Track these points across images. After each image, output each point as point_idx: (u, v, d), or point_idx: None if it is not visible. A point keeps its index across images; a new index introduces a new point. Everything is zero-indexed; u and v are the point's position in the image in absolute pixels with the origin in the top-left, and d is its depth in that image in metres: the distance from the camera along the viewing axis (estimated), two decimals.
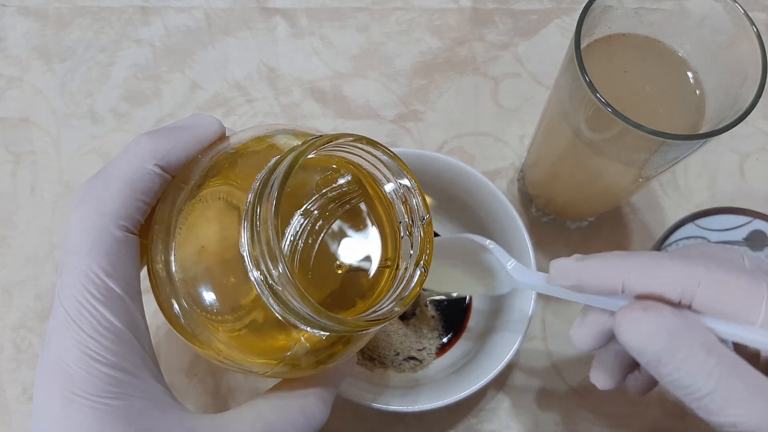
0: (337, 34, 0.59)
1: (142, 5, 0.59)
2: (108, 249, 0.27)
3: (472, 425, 0.48)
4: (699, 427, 0.48)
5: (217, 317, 0.28)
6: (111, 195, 0.28)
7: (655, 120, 0.35)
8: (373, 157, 0.29)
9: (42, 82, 0.56)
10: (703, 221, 0.51)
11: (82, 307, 0.27)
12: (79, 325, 0.27)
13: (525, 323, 0.42)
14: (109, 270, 0.27)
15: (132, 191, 0.28)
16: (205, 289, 0.28)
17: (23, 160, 0.54)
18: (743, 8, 0.35)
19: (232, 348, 0.29)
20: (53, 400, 0.26)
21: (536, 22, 0.60)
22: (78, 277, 0.27)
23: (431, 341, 0.48)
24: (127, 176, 0.28)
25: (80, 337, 0.27)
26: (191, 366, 0.49)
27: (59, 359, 0.27)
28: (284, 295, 0.25)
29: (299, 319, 0.26)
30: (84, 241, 0.27)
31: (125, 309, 0.28)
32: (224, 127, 0.32)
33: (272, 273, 0.24)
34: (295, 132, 0.31)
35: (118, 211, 0.28)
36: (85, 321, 0.27)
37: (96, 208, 0.28)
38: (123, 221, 0.28)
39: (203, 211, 0.29)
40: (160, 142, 0.29)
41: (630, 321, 0.30)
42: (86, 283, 0.27)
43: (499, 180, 0.55)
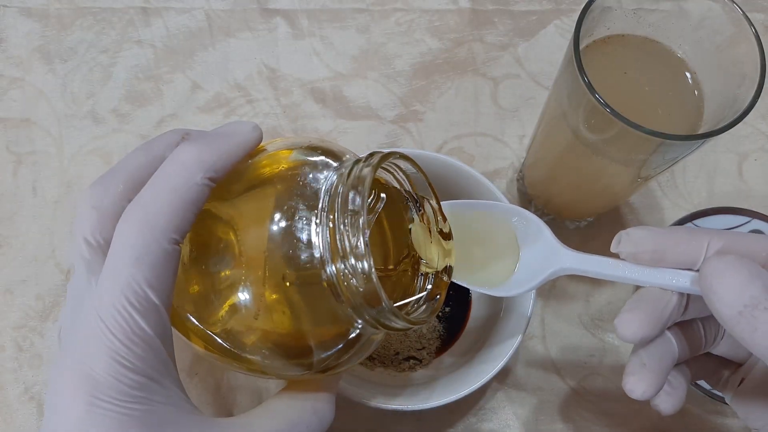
0: (337, 34, 0.59)
1: (143, 6, 0.59)
2: (155, 261, 0.27)
3: (471, 424, 0.48)
4: (698, 426, 0.49)
5: (255, 326, 0.29)
6: (160, 207, 0.28)
7: (654, 120, 0.35)
8: (402, 173, 0.34)
9: (43, 83, 0.57)
10: (702, 221, 0.51)
11: (119, 315, 0.27)
12: (113, 332, 0.27)
13: (524, 322, 0.42)
14: (153, 281, 0.27)
15: (182, 203, 0.28)
16: (243, 299, 0.29)
17: (25, 161, 0.54)
18: (742, 9, 0.35)
19: (252, 353, 0.31)
20: (76, 402, 0.26)
21: (535, 23, 0.60)
22: (119, 286, 0.27)
23: (431, 341, 0.48)
24: (176, 188, 0.28)
25: (112, 344, 0.27)
26: (191, 366, 0.49)
27: (84, 363, 0.27)
28: (352, 287, 0.28)
29: (362, 311, 0.29)
30: (130, 251, 0.27)
31: (159, 318, 0.28)
32: (262, 133, 0.32)
33: (355, 266, 0.28)
34: (322, 148, 0.33)
35: (169, 224, 0.28)
36: (119, 329, 0.27)
37: (145, 219, 0.28)
38: (173, 234, 0.28)
39: (249, 215, 0.30)
40: (205, 151, 0.29)
41: (725, 265, 0.28)
42: (127, 293, 0.27)
43: (498, 180, 0.55)
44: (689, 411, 0.49)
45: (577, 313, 0.51)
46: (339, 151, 0.33)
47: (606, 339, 0.51)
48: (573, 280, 0.52)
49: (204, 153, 0.29)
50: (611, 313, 0.51)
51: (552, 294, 0.52)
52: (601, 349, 0.50)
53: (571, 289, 0.52)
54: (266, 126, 0.56)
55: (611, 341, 0.50)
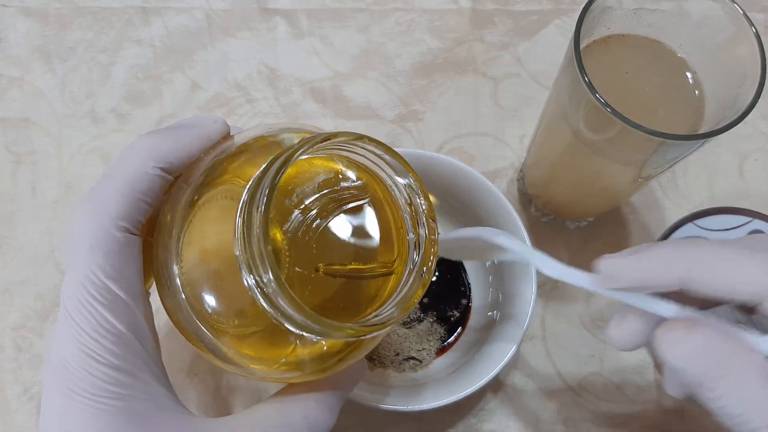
0: (337, 34, 0.59)
1: (143, 6, 0.59)
2: (107, 249, 0.27)
3: (471, 425, 0.48)
4: (698, 426, 0.48)
5: (220, 320, 0.28)
6: (110, 195, 0.28)
7: (655, 120, 0.35)
8: (375, 157, 0.28)
9: (42, 83, 0.56)
10: (703, 221, 0.51)
11: (83, 307, 0.27)
12: (80, 325, 0.27)
13: (524, 323, 0.42)
14: (109, 271, 0.27)
15: (131, 191, 0.28)
16: (208, 292, 0.28)
17: (24, 161, 0.54)
18: (742, 9, 0.35)
19: (233, 351, 0.29)
20: (55, 396, 0.27)
21: (536, 22, 0.60)
22: (78, 277, 0.27)
23: (431, 341, 0.48)
24: (127, 176, 0.28)
25: (81, 337, 0.27)
26: (191, 366, 0.49)
27: (61, 357, 0.27)
28: (276, 300, 0.25)
29: (293, 323, 0.25)
30: (84, 240, 0.27)
31: (127, 310, 0.28)
32: (228, 126, 0.32)
33: (262, 277, 0.24)
34: (300, 131, 0.31)
35: (117, 211, 0.28)
36: (85, 321, 0.27)
37: (96, 207, 0.28)
38: (122, 221, 0.28)
39: (205, 212, 0.28)
40: (161, 142, 0.29)
41: (672, 340, 0.28)
42: (86, 284, 0.27)
43: (498, 180, 0.55)
44: (689, 411, 0.49)
45: (578, 314, 0.51)
46: (308, 132, 0.30)
47: (607, 340, 0.50)
48: None
49: (159, 143, 0.29)
50: (612, 313, 0.51)
51: (552, 294, 0.51)
52: (601, 350, 0.50)
53: (571, 290, 0.52)
54: None
55: None
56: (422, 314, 0.49)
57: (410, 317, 0.48)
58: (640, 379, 0.49)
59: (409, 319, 0.48)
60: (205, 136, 0.31)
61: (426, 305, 0.49)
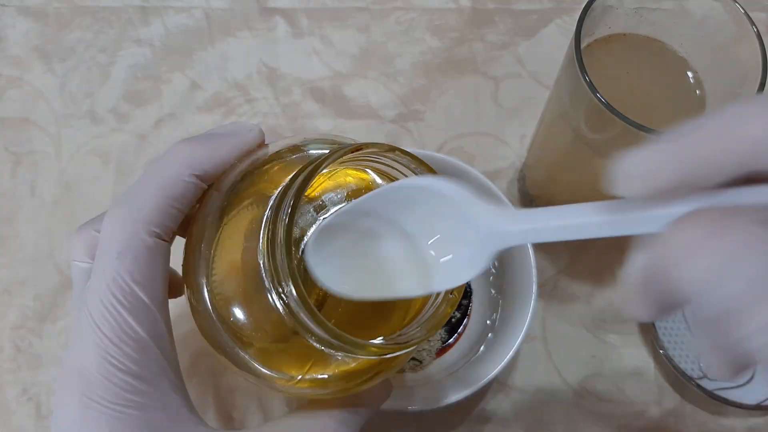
0: (337, 34, 0.59)
1: (142, 5, 0.59)
2: (137, 255, 0.27)
3: (472, 425, 0.48)
4: (698, 426, 0.48)
5: (245, 331, 0.28)
6: (143, 201, 0.28)
7: (656, 120, 0.35)
8: (407, 169, 0.28)
9: (42, 82, 0.56)
10: None
11: (107, 312, 0.27)
12: (102, 330, 0.27)
13: (525, 324, 0.42)
14: (137, 276, 0.27)
15: (164, 198, 0.28)
16: (234, 302, 0.28)
17: (23, 161, 0.54)
18: (743, 8, 0.35)
19: (258, 363, 0.29)
20: (72, 402, 0.27)
21: (536, 21, 0.60)
22: (105, 281, 0.27)
23: (431, 342, 0.48)
24: (161, 183, 0.28)
25: (102, 342, 0.26)
26: (191, 366, 0.49)
27: (80, 362, 0.27)
28: (297, 313, 0.25)
29: (315, 338, 0.25)
30: (114, 245, 0.27)
31: (150, 317, 0.28)
32: (263, 134, 0.32)
33: (284, 289, 0.24)
34: (334, 141, 0.31)
35: (149, 217, 0.28)
36: (107, 326, 0.27)
37: (128, 213, 0.28)
38: (154, 227, 0.28)
39: (236, 221, 0.28)
40: (197, 149, 0.29)
41: (681, 249, 0.19)
42: (113, 288, 0.27)
43: (499, 180, 0.55)
44: (690, 411, 0.49)
45: (579, 314, 0.51)
46: (340, 143, 0.30)
47: (607, 340, 0.50)
48: (574, 281, 0.52)
49: (195, 151, 0.29)
50: (613, 314, 0.51)
51: (553, 295, 0.51)
52: (602, 351, 0.50)
53: (572, 290, 0.52)
54: (265, 125, 0.55)
55: (613, 342, 0.50)
56: None
57: None
58: (641, 380, 0.49)
59: None
60: (240, 145, 0.31)
61: None
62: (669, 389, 0.49)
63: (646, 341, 0.50)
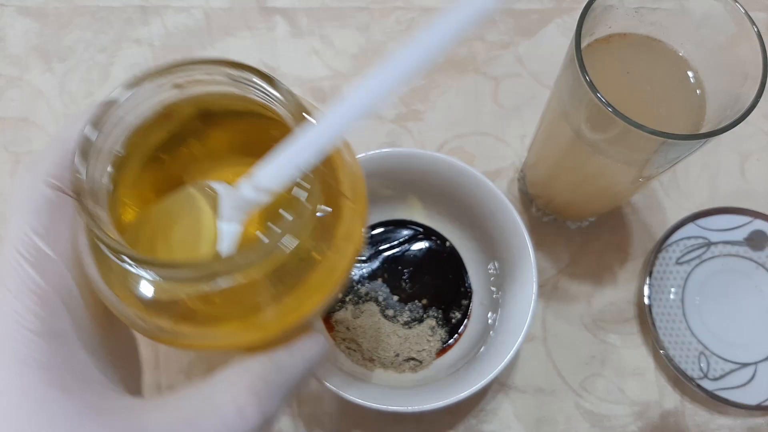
0: (337, 33, 0.59)
1: (142, 5, 0.59)
2: (37, 207, 0.27)
3: (472, 426, 0.48)
4: (699, 427, 0.48)
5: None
6: (43, 156, 0.27)
7: (656, 120, 0.35)
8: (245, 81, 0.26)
9: (41, 82, 0.56)
10: (704, 221, 0.51)
11: (11, 267, 0.26)
12: (7, 286, 0.26)
13: (525, 324, 0.42)
14: (39, 228, 0.26)
15: (63, 151, 0.27)
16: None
17: (22, 160, 0.54)
18: (744, 8, 0.35)
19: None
20: None
21: (537, 21, 0.60)
22: (9, 237, 0.26)
23: (431, 342, 0.48)
24: (62, 138, 0.28)
25: (6, 298, 0.26)
26: (191, 366, 0.49)
27: None
28: (102, 240, 0.24)
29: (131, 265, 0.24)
30: (15, 200, 0.27)
31: (55, 270, 0.27)
32: None
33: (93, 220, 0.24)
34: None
35: (47, 169, 0.27)
36: (11, 281, 0.26)
37: (29, 167, 0.27)
38: (53, 179, 0.27)
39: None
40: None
41: None
42: (15, 242, 0.26)
43: (499, 180, 0.55)
44: (690, 411, 0.49)
45: (579, 314, 0.51)
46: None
47: (607, 340, 0.50)
48: (575, 282, 0.52)
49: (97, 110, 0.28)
50: (613, 314, 0.51)
51: (553, 295, 0.51)
52: (602, 351, 0.50)
53: (572, 290, 0.52)
54: None
55: (613, 342, 0.50)
56: (423, 315, 0.49)
57: (411, 318, 0.48)
58: (641, 380, 0.49)
59: (409, 320, 0.48)
60: None
61: (427, 306, 0.49)
62: (669, 389, 0.49)
63: (646, 341, 0.50)
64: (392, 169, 0.47)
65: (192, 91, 0.27)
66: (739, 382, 0.48)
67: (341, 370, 0.44)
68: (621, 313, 0.51)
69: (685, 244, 0.51)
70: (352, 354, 0.47)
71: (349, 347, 0.47)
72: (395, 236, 0.51)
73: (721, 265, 0.51)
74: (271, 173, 0.25)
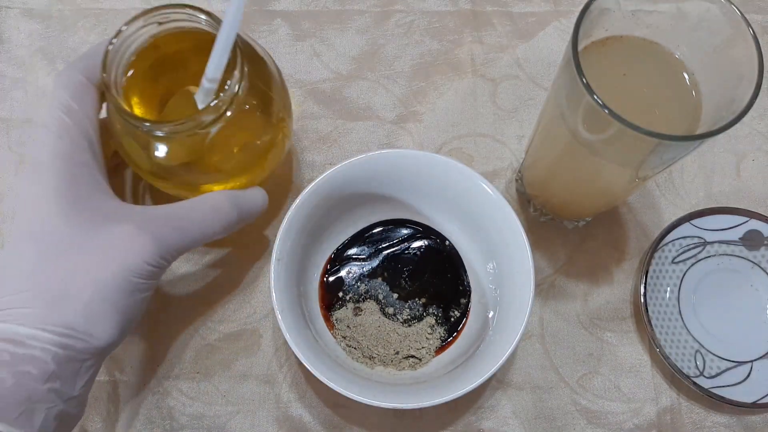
0: (337, 36, 0.59)
1: (145, 7, 0.59)
2: (72, 83, 0.41)
3: (470, 422, 0.49)
4: (694, 425, 0.49)
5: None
6: (79, 60, 0.43)
7: (652, 121, 0.35)
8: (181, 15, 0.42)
9: (45, 84, 0.57)
10: (700, 221, 0.52)
11: (50, 116, 0.40)
12: (47, 126, 0.40)
13: (523, 322, 0.43)
14: (73, 94, 0.41)
15: (93, 59, 0.42)
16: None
17: (27, 161, 0.54)
18: (740, 10, 0.36)
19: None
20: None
21: (534, 24, 0.60)
22: (52, 100, 0.41)
23: (431, 340, 0.48)
24: (89, 53, 0.43)
25: (47, 135, 0.40)
26: (192, 366, 0.49)
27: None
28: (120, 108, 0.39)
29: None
30: (58, 79, 0.42)
31: (80, 95, 0.42)
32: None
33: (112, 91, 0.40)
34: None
35: (81, 66, 0.42)
36: (50, 121, 0.40)
37: (70, 64, 0.43)
38: (83, 74, 0.42)
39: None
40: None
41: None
42: (54, 102, 0.41)
43: (497, 180, 0.55)
44: (686, 409, 0.49)
45: (576, 313, 0.51)
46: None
47: (604, 338, 0.51)
48: (572, 280, 0.52)
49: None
50: (609, 312, 0.51)
51: (550, 294, 0.52)
52: (599, 348, 0.51)
53: (569, 289, 0.52)
54: None
55: (609, 340, 0.51)
56: (423, 313, 0.49)
57: (410, 316, 0.49)
58: (637, 377, 0.50)
59: (409, 318, 0.49)
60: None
61: (426, 304, 0.49)
62: (665, 387, 0.50)
63: (642, 339, 0.51)
64: (392, 169, 0.48)
65: (168, 26, 0.42)
66: (735, 380, 0.48)
67: (341, 368, 0.44)
68: (617, 311, 0.52)
69: (681, 243, 0.51)
70: (352, 351, 0.48)
71: (350, 345, 0.48)
72: (395, 235, 0.51)
73: (717, 265, 0.51)
74: (211, 66, 0.39)
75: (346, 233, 0.51)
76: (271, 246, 0.44)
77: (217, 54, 0.39)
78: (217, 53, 0.39)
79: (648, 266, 0.50)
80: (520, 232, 0.45)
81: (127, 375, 0.49)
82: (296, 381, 0.49)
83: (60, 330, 0.37)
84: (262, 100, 0.44)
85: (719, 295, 0.51)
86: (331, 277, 0.50)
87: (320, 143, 0.56)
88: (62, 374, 0.37)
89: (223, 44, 0.39)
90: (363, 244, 0.51)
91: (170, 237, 0.41)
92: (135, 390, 0.49)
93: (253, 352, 0.50)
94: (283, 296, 0.44)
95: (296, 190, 0.54)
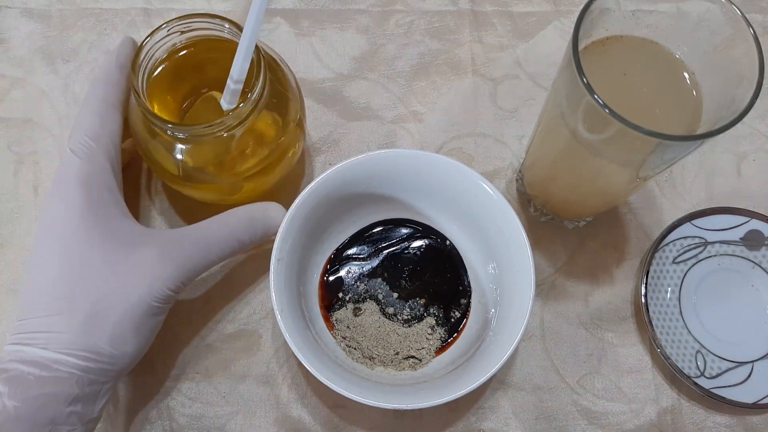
0: (337, 35, 0.59)
1: (145, 7, 0.59)
2: (108, 77, 0.45)
3: (471, 423, 0.49)
4: (695, 425, 0.49)
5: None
6: (113, 53, 0.47)
7: (653, 121, 0.35)
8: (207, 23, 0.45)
9: (45, 83, 0.57)
10: (700, 221, 0.52)
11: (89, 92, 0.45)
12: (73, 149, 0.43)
13: (523, 322, 0.43)
14: (104, 95, 0.45)
15: (124, 58, 0.47)
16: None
17: (26, 161, 0.54)
18: (740, 10, 0.36)
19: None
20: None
21: (535, 24, 0.60)
22: (87, 102, 0.45)
23: (431, 341, 0.48)
24: (120, 52, 0.47)
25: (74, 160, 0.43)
26: (190, 368, 0.49)
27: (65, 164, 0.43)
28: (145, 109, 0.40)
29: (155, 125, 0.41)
30: (98, 70, 0.46)
31: (113, 89, 0.45)
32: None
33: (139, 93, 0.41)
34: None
35: (115, 60, 0.46)
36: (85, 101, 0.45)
37: (109, 54, 0.47)
38: (118, 68, 0.46)
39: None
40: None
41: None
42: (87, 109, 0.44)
43: (497, 180, 0.55)
44: (687, 409, 0.49)
45: (577, 313, 0.51)
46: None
47: (605, 338, 0.51)
48: (572, 280, 0.52)
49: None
50: (610, 312, 0.51)
51: (551, 294, 0.52)
52: (600, 349, 0.51)
53: (570, 289, 0.52)
54: None
55: (610, 341, 0.51)
56: (423, 313, 0.49)
57: (411, 316, 0.49)
58: (638, 377, 0.50)
59: (409, 318, 0.49)
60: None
61: (426, 304, 0.49)
62: (666, 387, 0.50)
63: (643, 339, 0.51)
64: (392, 169, 0.48)
65: (189, 35, 0.45)
66: (736, 381, 0.48)
67: (341, 368, 0.44)
68: (618, 311, 0.52)
69: (682, 243, 0.51)
70: (353, 352, 0.47)
71: (350, 345, 0.48)
72: (395, 235, 0.51)
73: (718, 265, 0.51)
74: (236, 69, 0.41)
75: (345, 233, 0.51)
76: (271, 246, 0.44)
77: (241, 55, 0.41)
78: (241, 54, 0.40)
79: (649, 266, 0.50)
80: (520, 232, 0.45)
81: (126, 375, 0.49)
82: (296, 381, 0.49)
83: (85, 354, 0.38)
84: (281, 101, 0.46)
85: (720, 295, 0.51)
86: (331, 277, 0.50)
87: (320, 143, 0.56)
88: (84, 397, 0.38)
89: (247, 45, 0.40)
90: (363, 243, 0.51)
91: (191, 262, 0.42)
92: (134, 390, 0.49)
93: (252, 353, 0.50)
94: (283, 296, 0.44)
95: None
